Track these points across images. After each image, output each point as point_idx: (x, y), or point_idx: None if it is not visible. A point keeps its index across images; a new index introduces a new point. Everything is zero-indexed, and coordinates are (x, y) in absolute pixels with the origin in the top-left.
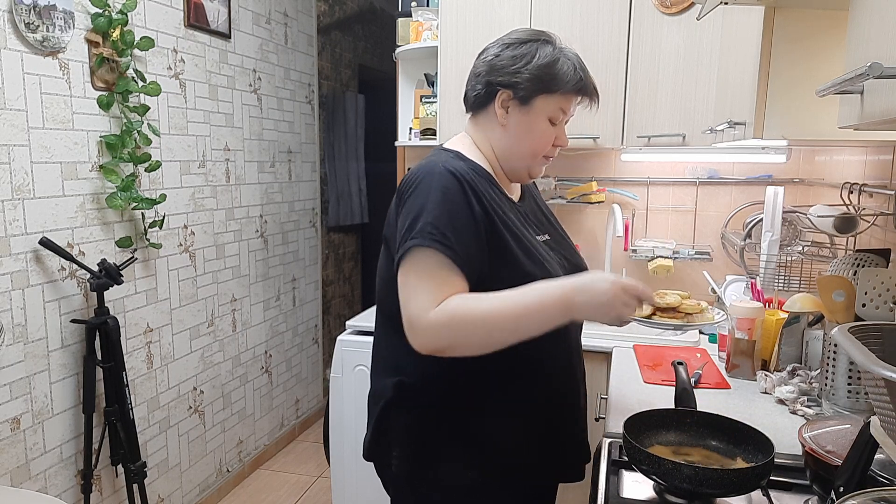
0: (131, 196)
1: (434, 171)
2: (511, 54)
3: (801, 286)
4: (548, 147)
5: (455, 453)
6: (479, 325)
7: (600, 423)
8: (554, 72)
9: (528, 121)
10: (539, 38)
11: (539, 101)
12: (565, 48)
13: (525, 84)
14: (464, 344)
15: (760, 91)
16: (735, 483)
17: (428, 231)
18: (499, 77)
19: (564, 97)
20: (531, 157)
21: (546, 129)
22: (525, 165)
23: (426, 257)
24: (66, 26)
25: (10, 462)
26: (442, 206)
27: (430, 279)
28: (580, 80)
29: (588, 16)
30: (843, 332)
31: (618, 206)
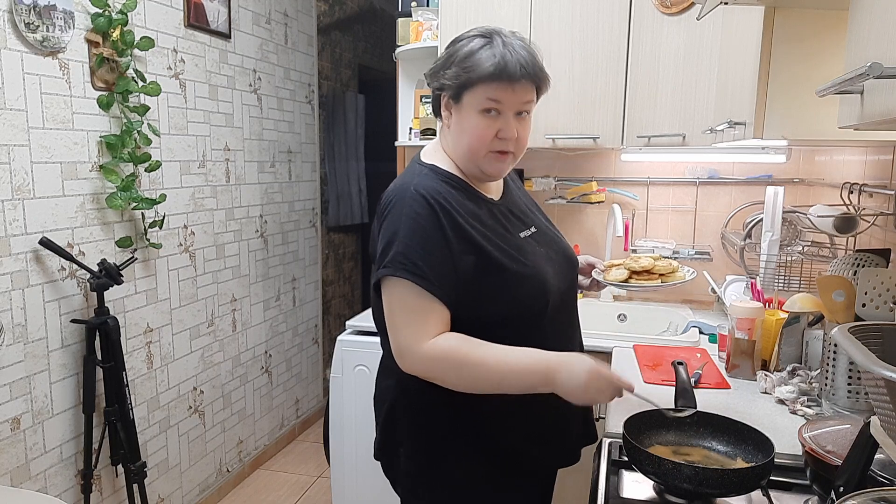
0: (131, 196)
1: (405, 195)
2: (445, 56)
3: (801, 286)
4: (486, 141)
5: (461, 448)
6: (467, 371)
7: (600, 423)
8: (471, 63)
9: (461, 118)
10: (473, 35)
11: (466, 96)
12: (504, 38)
13: (451, 82)
14: (448, 380)
15: (760, 91)
16: (735, 483)
17: (399, 261)
18: (436, 82)
19: (487, 86)
20: (473, 154)
21: (478, 124)
22: (473, 164)
23: (402, 287)
24: (66, 26)
25: (10, 462)
26: (413, 233)
27: (413, 311)
28: (497, 65)
29: (588, 16)
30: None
31: (618, 206)
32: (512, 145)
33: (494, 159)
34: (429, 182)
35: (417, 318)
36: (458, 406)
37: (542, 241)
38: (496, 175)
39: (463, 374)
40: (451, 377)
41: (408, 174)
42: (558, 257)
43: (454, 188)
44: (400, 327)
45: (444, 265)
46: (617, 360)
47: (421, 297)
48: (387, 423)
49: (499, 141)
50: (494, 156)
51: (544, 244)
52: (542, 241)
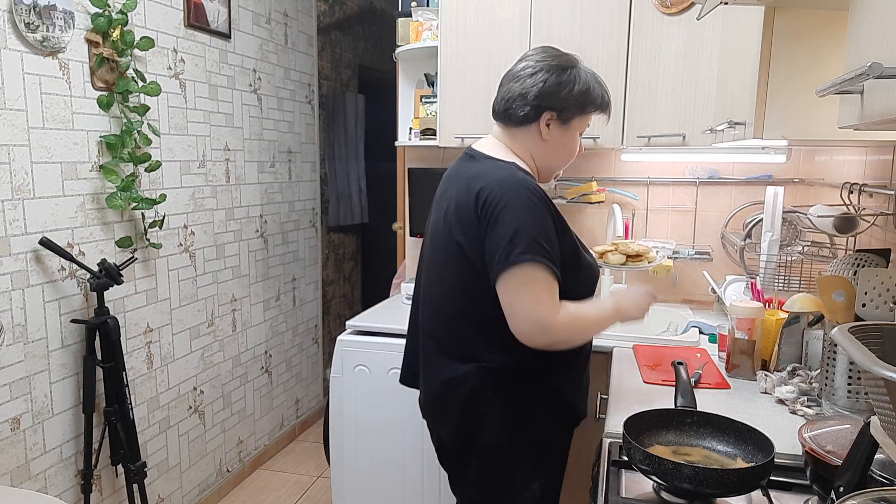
0: (131, 196)
1: (519, 188)
2: (557, 81)
3: (801, 286)
4: (576, 154)
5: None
6: (585, 328)
7: (600, 423)
8: (589, 96)
9: (567, 137)
10: (574, 65)
11: (576, 121)
12: (586, 68)
13: (569, 108)
14: (573, 340)
15: (760, 91)
16: (735, 483)
17: (535, 248)
18: (548, 102)
19: (591, 116)
20: (563, 165)
21: (578, 142)
22: (554, 171)
23: (538, 270)
24: (66, 26)
25: (10, 462)
26: (535, 222)
27: (545, 287)
28: (605, 101)
29: (588, 16)
30: (843, 332)
31: (618, 206)
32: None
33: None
34: (528, 178)
35: (551, 295)
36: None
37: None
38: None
39: (583, 331)
40: (576, 336)
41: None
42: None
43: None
44: (537, 305)
45: (556, 249)
46: (617, 360)
47: (551, 276)
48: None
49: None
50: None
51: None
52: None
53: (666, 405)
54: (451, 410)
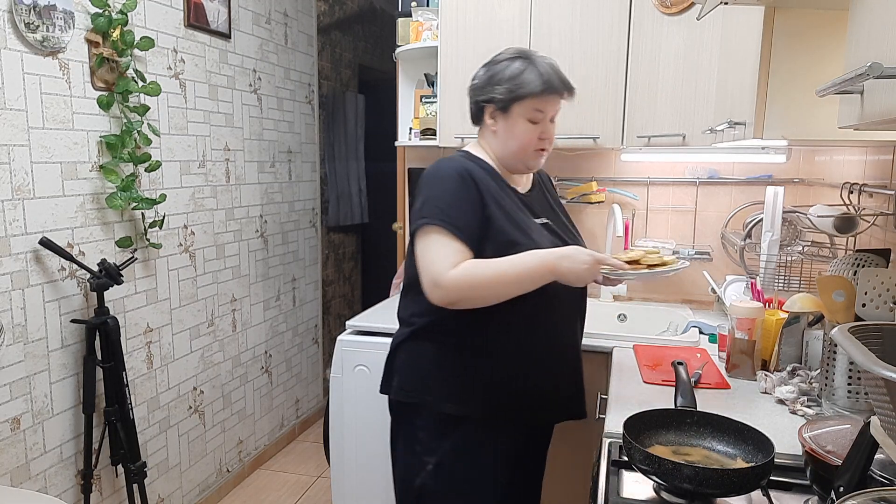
0: (131, 196)
1: (444, 170)
2: (487, 75)
3: (801, 286)
4: (533, 142)
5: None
6: (486, 283)
7: (600, 423)
8: (520, 82)
9: (510, 125)
10: (511, 57)
11: (515, 108)
12: (538, 59)
13: (499, 97)
14: (473, 297)
15: (760, 91)
16: (735, 483)
17: (431, 212)
18: (483, 96)
19: (535, 100)
20: (521, 153)
21: (527, 129)
22: (519, 160)
23: (435, 231)
24: (66, 26)
25: (10, 462)
26: (443, 192)
27: (444, 247)
28: (544, 84)
29: (588, 16)
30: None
31: (618, 206)
32: (547, 144)
33: (537, 155)
34: (460, 161)
35: (445, 254)
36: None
37: (552, 231)
38: (537, 167)
39: (484, 287)
40: (475, 292)
41: (449, 160)
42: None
43: (483, 170)
44: (429, 264)
45: (467, 216)
46: (617, 360)
47: (448, 237)
48: (389, 359)
49: (539, 141)
50: (537, 153)
51: (553, 233)
52: (552, 231)
53: (666, 405)
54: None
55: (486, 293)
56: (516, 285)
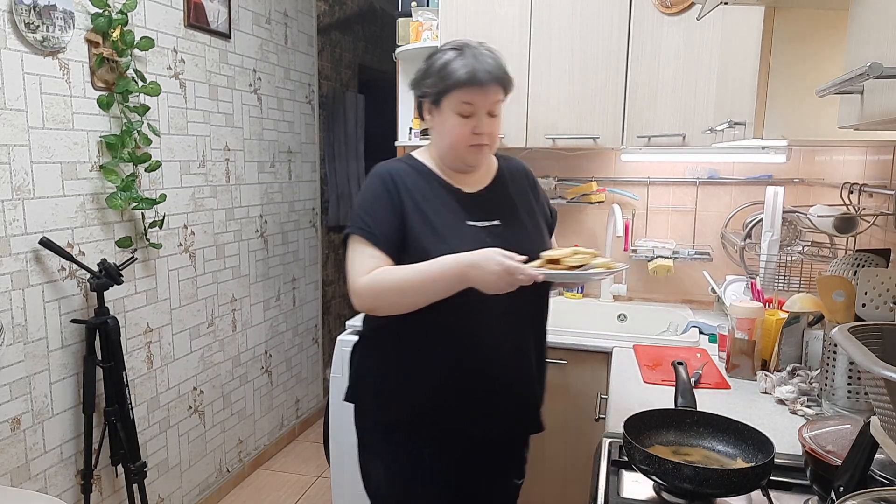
0: (131, 196)
1: (373, 174)
2: (423, 68)
3: (801, 286)
4: (466, 137)
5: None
6: (393, 290)
7: (600, 423)
8: (446, 73)
9: (442, 120)
10: (446, 48)
11: (445, 101)
12: (471, 50)
13: (429, 90)
14: (384, 304)
15: (760, 91)
16: (735, 483)
17: (354, 222)
18: (418, 90)
19: (462, 92)
20: (454, 149)
21: (457, 123)
22: (455, 157)
23: (355, 239)
24: (66, 26)
25: (10, 462)
26: (365, 200)
27: (360, 254)
28: (469, 75)
29: (588, 16)
30: (843, 332)
31: (618, 206)
32: (486, 139)
33: (474, 152)
34: (393, 164)
35: (360, 261)
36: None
37: (497, 235)
38: (476, 164)
39: (393, 293)
40: (385, 299)
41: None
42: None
43: (416, 172)
44: (348, 272)
45: (385, 222)
46: (617, 360)
47: (366, 245)
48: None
49: (475, 136)
50: (473, 149)
51: (500, 238)
52: (497, 235)
53: (666, 405)
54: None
55: (397, 300)
56: (424, 293)
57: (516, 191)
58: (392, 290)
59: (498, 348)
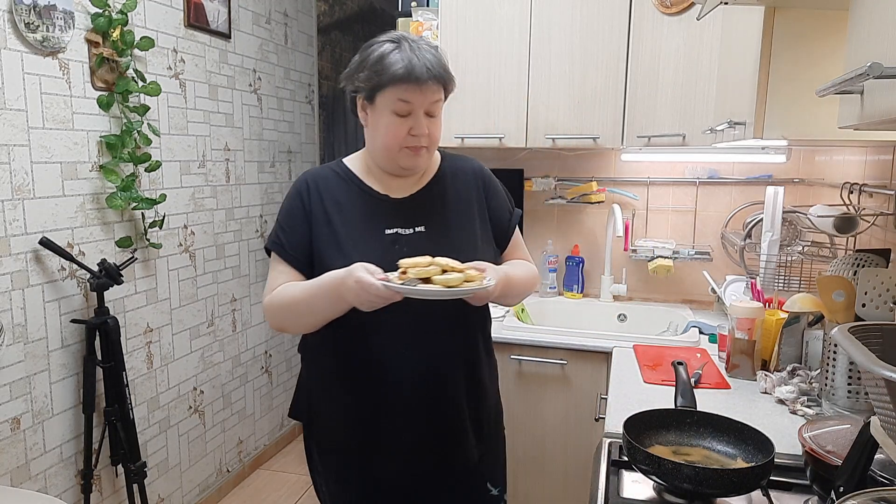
0: (131, 196)
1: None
2: (357, 60)
3: (801, 286)
4: (400, 138)
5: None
6: (285, 308)
7: (600, 423)
8: (382, 66)
9: (376, 118)
10: (383, 40)
11: (379, 98)
12: (410, 44)
13: (364, 84)
14: (286, 323)
15: (760, 91)
16: (735, 483)
17: (272, 234)
18: (350, 84)
19: (397, 88)
20: (387, 150)
21: (391, 123)
22: (388, 159)
23: (273, 255)
24: (66, 26)
25: (10, 462)
26: (282, 211)
27: (272, 271)
28: (406, 70)
29: (588, 16)
30: (843, 332)
31: (618, 206)
32: (425, 140)
33: (409, 154)
34: (317, 171)
35: (272, 277)
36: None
37: (414, 242)
38: (413, 168)
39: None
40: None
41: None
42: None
43: (339, 178)
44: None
45: (296, 236)
46: (617, 360)
47: (277, 261)
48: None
49: (411, 138)
50: (409, 151)
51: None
52: (414, 242)
53: (666, 405)
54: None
55: (294, 319)
56: (312, 311)
57: (455, 194)
58: (286, 308)
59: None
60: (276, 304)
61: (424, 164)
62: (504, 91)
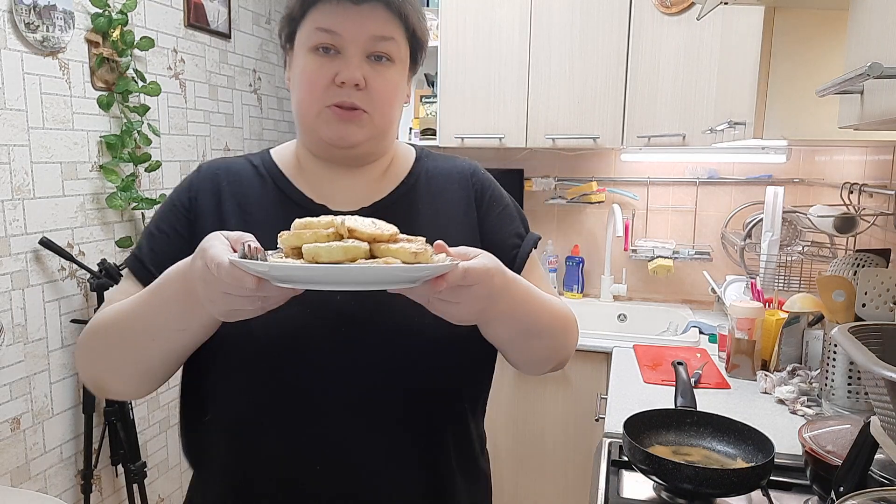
0: (131, 196)
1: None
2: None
3: (801, 286)
4: (318, 88)
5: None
6: (104, 331)
7: (600, 423)
8: None
9: (295, 66)
10: None
11: (299, 36)
12: None
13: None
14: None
15: (760, 91)
16: (735, 483)
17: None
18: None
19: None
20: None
21: (307, 65)
22: (307, 128)
23: (124, 273)
24: (66, 26)
25: (10, 462)
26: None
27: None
28: None
29: (588, 16)
30: (843, 332)
31: (618, 206)
32: (360, 97)
33: (333, 117)
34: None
35: (107, 299)
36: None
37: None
38: (338, 141)
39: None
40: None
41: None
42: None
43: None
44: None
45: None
46: (617, 360)
47: (127, 280)
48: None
49: (336, 90)
50: (333, 113)
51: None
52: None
53: (666, 405)
54: None
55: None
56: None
57: (430, 207)
58: (105, 332)
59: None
60: (90, 332)
61: (360, 139)
62: (504, 91)
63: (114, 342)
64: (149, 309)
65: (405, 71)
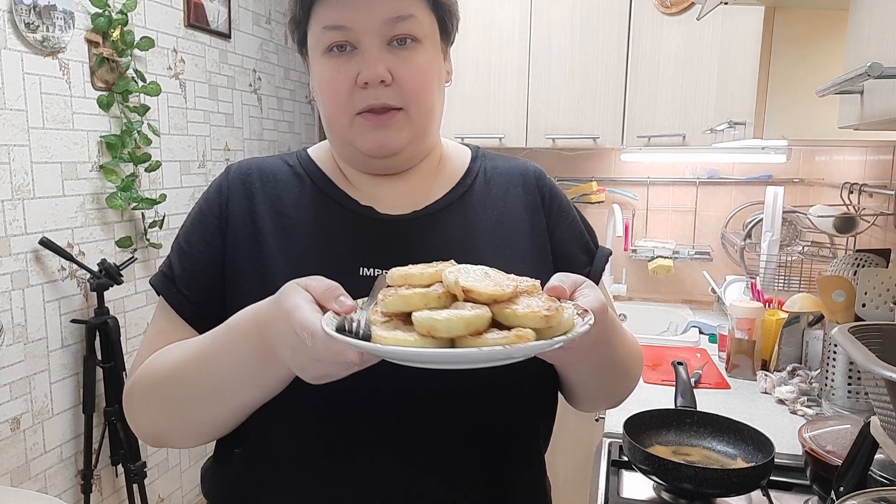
0: (131, 196)
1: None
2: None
3: (801, 286)
4: (343, 94)
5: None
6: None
7: (600, 423)
8: None
9: (314, 71)
10: None
11: (309, 38)
12: None
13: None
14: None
15: (760, 91)
16: (735, 483)
17: (164, 264)
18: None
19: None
20: (333, 123)
21: (326, 69)
22: (345, 143)
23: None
24: (66, 26)
25: (10, 462)
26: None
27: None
28: None
29: (588, 16)
30: (843, 332)
31: (618, 206)
32: (390, 94)
33: (367, 126)
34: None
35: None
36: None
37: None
38: (377, 151)
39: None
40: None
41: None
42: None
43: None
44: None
45: (198, 264)
46: None
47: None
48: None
49: (361, 92)
50: (365, 120)
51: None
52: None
53: (666, 405)
54: None
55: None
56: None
57: (494, 212)
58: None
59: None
60: (146, 383)
61: (402, 143)
62: (504, 91)
63: (177, 399)
64: (218, 368)
65: (437, 47)
